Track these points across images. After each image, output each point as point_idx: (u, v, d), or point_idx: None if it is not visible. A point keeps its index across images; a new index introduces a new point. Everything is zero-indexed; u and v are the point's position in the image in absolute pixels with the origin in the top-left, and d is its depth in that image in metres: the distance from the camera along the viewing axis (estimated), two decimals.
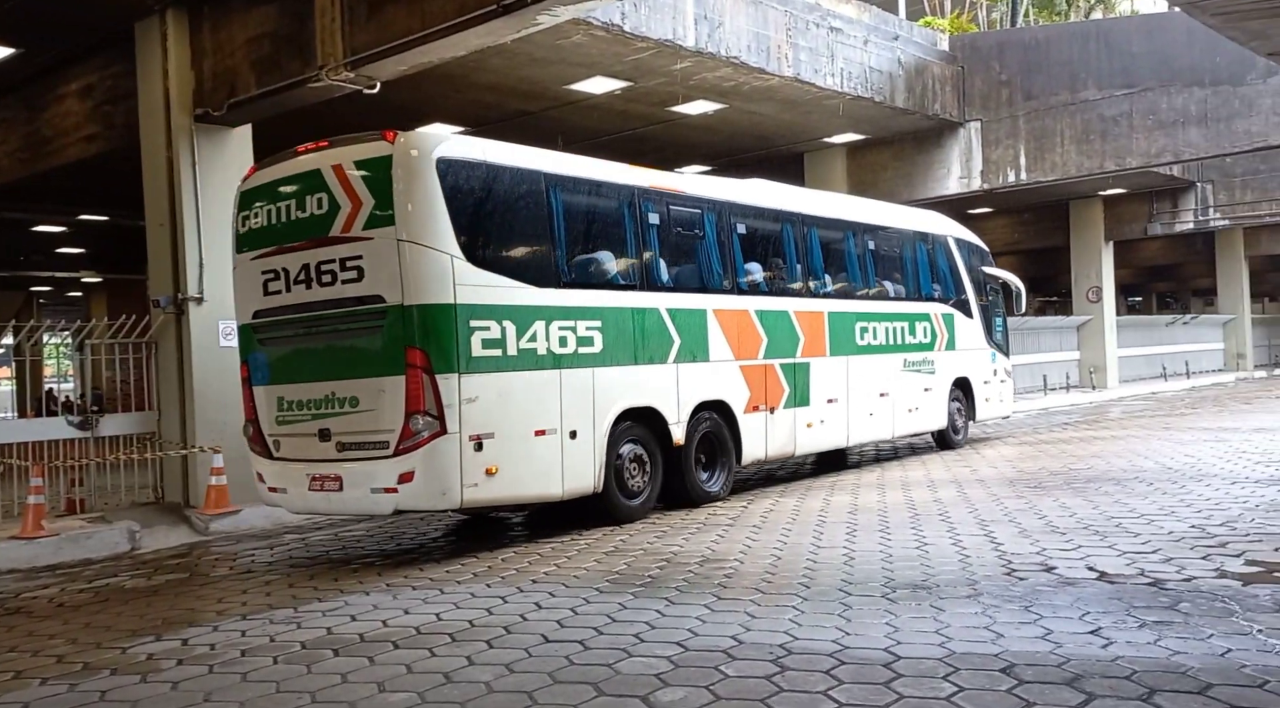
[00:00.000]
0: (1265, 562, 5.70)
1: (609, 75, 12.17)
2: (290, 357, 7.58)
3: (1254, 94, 13.65)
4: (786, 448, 10.15)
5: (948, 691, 3.86)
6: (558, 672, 4.35)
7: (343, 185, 7.12)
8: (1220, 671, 3.92)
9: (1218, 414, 16.31)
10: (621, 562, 6.68)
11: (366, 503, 7.20)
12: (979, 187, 16.01)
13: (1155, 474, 9.44)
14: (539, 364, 7.56)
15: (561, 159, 8.37)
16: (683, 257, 9.26)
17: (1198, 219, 24.02)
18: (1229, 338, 30.79)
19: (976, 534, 6.94)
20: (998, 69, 15.62)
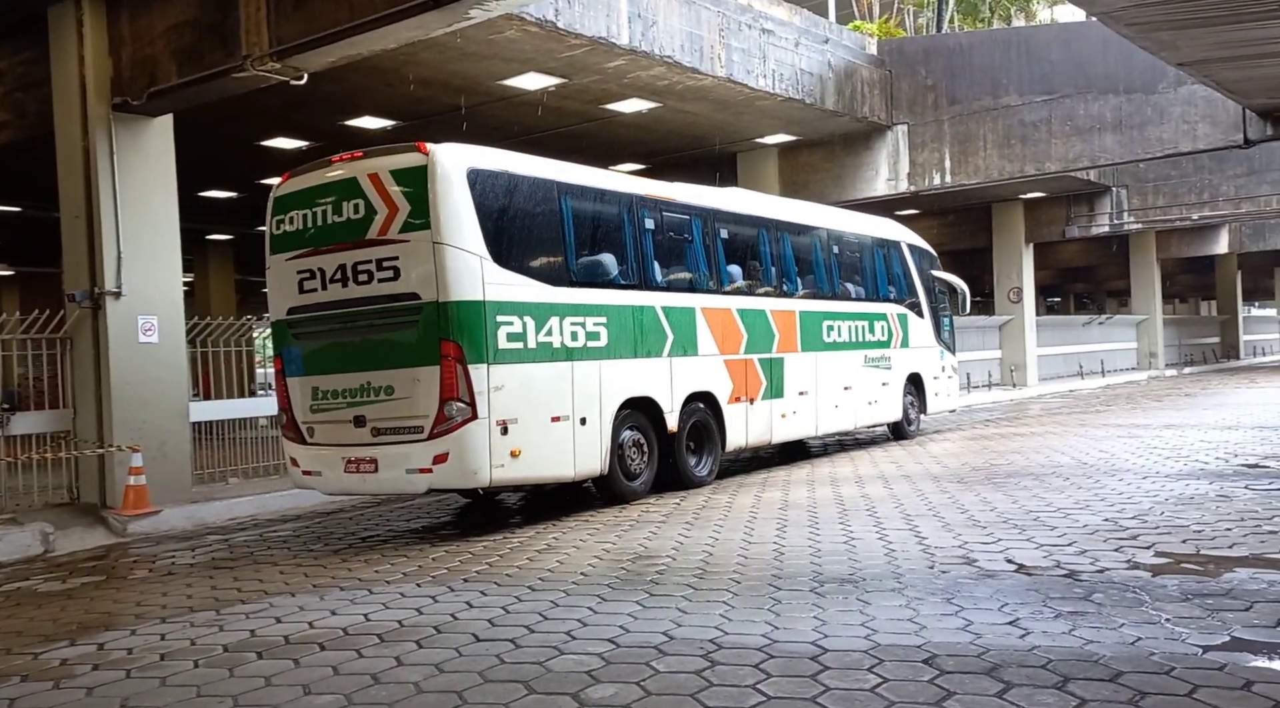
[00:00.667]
0: (1173, 553, 5.94)
1: (543, 72, 12.12)
2: (325, 350, 8.14)
3: (1165, 102, 14.18)
4: (764, 437, 10.94)
5: (872, 682, 3.95)
6: (488, 671, 4.33)
7: (379, 193, 7.70)
8: (1130, 659, 4.08)
9: (1130, 411, 16.93)
10: (554, 560, 6.67)
11: (401, 483, 7.76)
12: (906, 189, 16.34)
13: (1071, 469, 9.76)
14: (554, 356, 8.28)
15: (570, 169, 9.06)
16: (674, 259, 9.99)
17: (1113, 223, 24.87)
18: (1142, 338, 31.95)
19: (902, 528, 7.10)
20: (924, 74, 15.96)
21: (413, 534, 8.14)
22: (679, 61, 12.10)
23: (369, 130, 14.55)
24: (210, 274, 25.69)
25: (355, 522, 9.03)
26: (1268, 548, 5.94)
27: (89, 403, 9.63)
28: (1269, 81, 11.20)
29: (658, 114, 14.42)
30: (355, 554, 7.38)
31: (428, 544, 7.60)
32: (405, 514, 9.31)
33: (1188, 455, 10.42)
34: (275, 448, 12.05)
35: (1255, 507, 7.28)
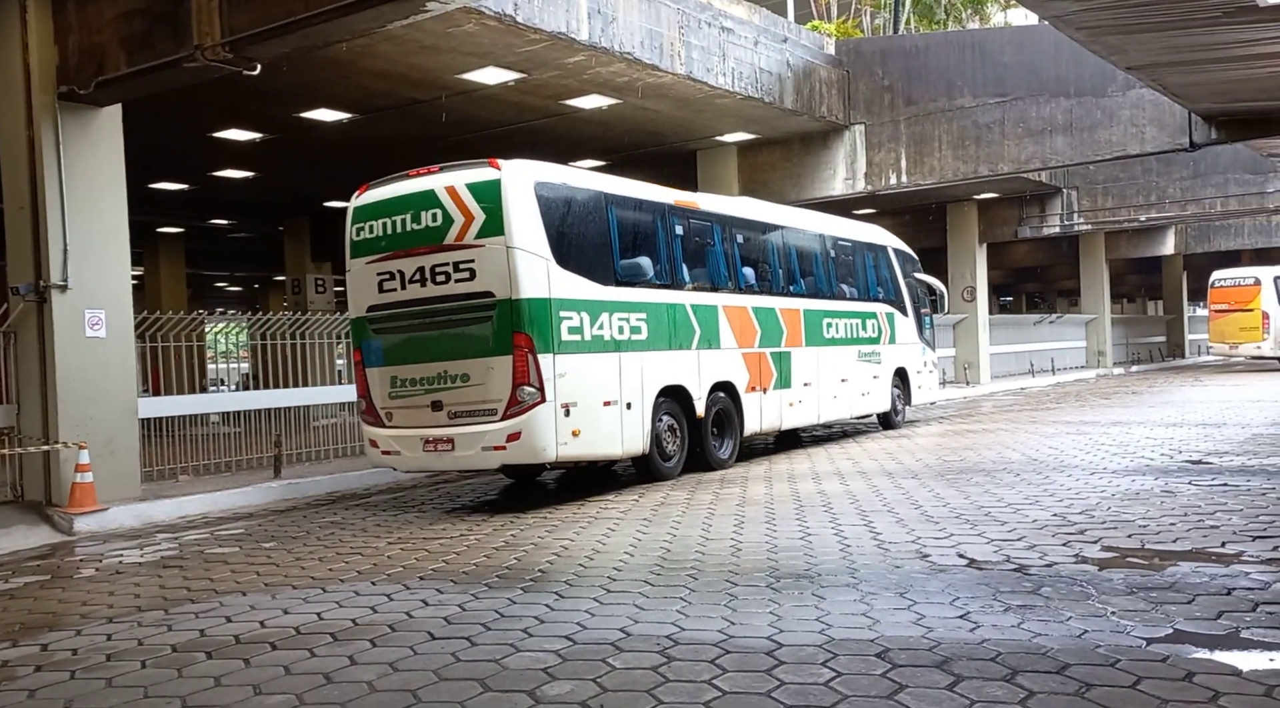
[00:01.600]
0: (1119, 548, 6.08)
1: (502, 66, 12.04)
2: (404, 343, 9.07)
3: (1114, 106, 14.47)
4: (775, 423, 11.98)
5: (826, 676, 3.99)
6: (443, 669, 4.30)
7: (456, 203, 8.67)
8: (1077, 651, 4.16)
9: (1079, 409, 17.27)
10: (512, 556, 6.65)
11: (476, 460, 8.75)
12: (863, 188, 16.49)
13: (1022, 466, 9.94)
14: (605, 348, 9.29)
15: (614, 181, 10.26)
16: (699, 261, 11.00)
17: (1063, 223, 25.34)
18: (1091, 336, 32.59)
19: (858, 524, 7.17)
20: (880, 74, 16.12)
21: (368, 532, 8.06)
22: (639, 58, 12.10)
23: (324, 123, 14.37)
24: (161, 268, 25.23)
25: (309, 520, 8.92)
26: (1209, 543, 6.09)
27: (34, 398, 9.40)
28: (1214, 86, 11.48)
29: (618, 111, 14.40)
30: (309, 552, 7.29)
31: (383, 542, 7.53)
32: (360, 511, 9.21)
33: (1134, 452, 10.65)
34: (227, 445, 11.88)
35: (1198, 502, 7.46)
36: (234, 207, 22.78)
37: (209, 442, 11.82)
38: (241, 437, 12.14)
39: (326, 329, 13.25)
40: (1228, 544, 6.01)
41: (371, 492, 10.64)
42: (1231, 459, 9.75)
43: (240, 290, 41.31)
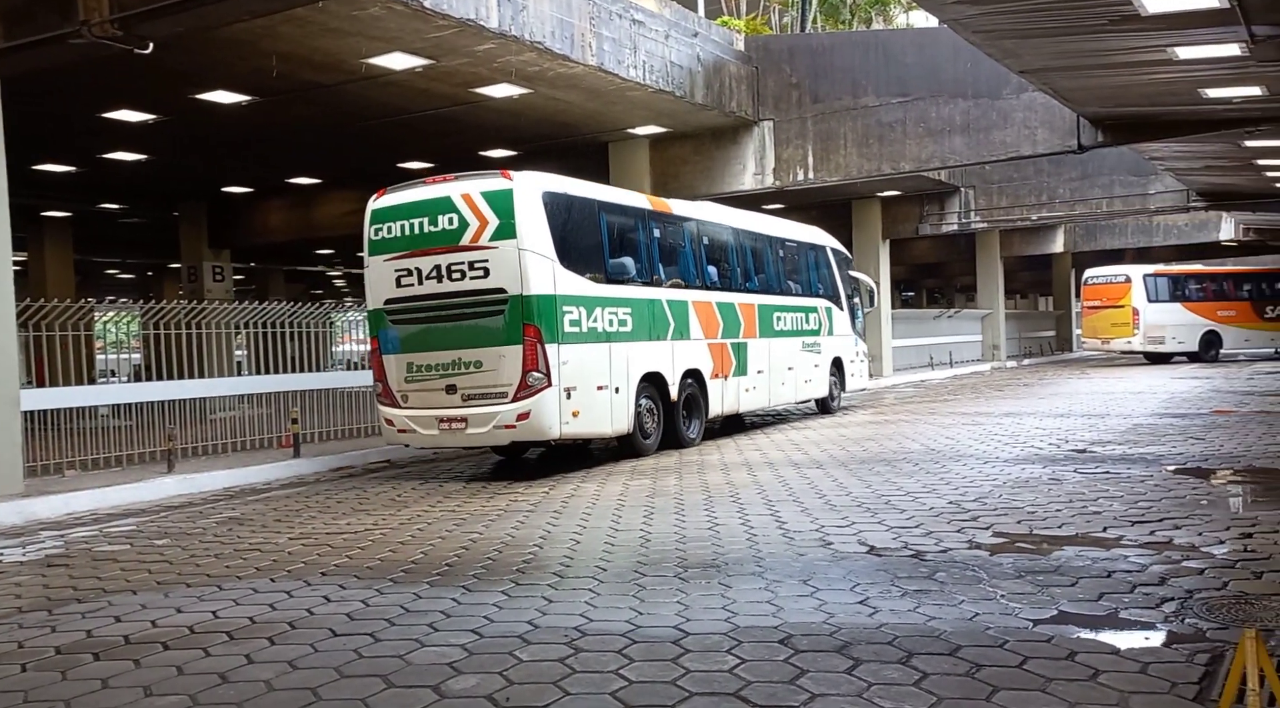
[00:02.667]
0: (1010, 533, 6.33)
1: (409, 52, 11.81)
2: (420, 332, 10.03)
3: (1009, 108, 15.02)
4: (735, 406, 13.17)
5: (731, 663, 4.06)
6: (345, 666, 4.23)
7: (471, 209, 9.69)
8: (968, 633, 4.33)
9: (975, 400, 17.91)
10: (418, 551, 6.56)
11: (488, 437, 9.83)
12: (772, 184, 16.74)
13: (920, 455, 10.26)
14: (598, 339, 10.36)
15: (604, 190, 11.48)
16: (672, 261, 12.13)
17: (961, 221, 26.19)
18: (986, 331, 33.79)
19: (764, 513, 7.30)
20: (788, 72, 16.37)
21: (268, 528, 7.84)
22: (550, 48, 12.02)
23: (223, 105, 13.87)
24: (46, 254, 23.94)
25: (205, 516, 8.63)
26: (1092, 527, 6.40)
27: None
28: (1100, 91, 12.01)
29: (529, 100, 14.28)
30: (205, 549, 7.05)
31: (284, 538, 7.33)
32: (260, 507, 8.95)
33: (1024, 442, 11.10)
34: (118, 439, 11.40)
35: (1082, 489, 7.83)
36: (126, 190, 21.81)
37: (98, 435, 11.32)
38: (133, 430, 11.66)
39: (225, 319, 12.82)
40: (1109, 529, 6.32)
41: (272, 486, 10.35)
42: (1114, 448, 10.25)
43: (133, 278, 39.63)
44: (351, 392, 14.34)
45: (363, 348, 16.72)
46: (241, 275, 33.47)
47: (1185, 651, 4.03)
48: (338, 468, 11.53)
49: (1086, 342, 30.63)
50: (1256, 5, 7.94)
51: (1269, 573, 5.13)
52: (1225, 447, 10.08)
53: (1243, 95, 11.58)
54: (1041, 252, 35.89)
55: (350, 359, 17.38)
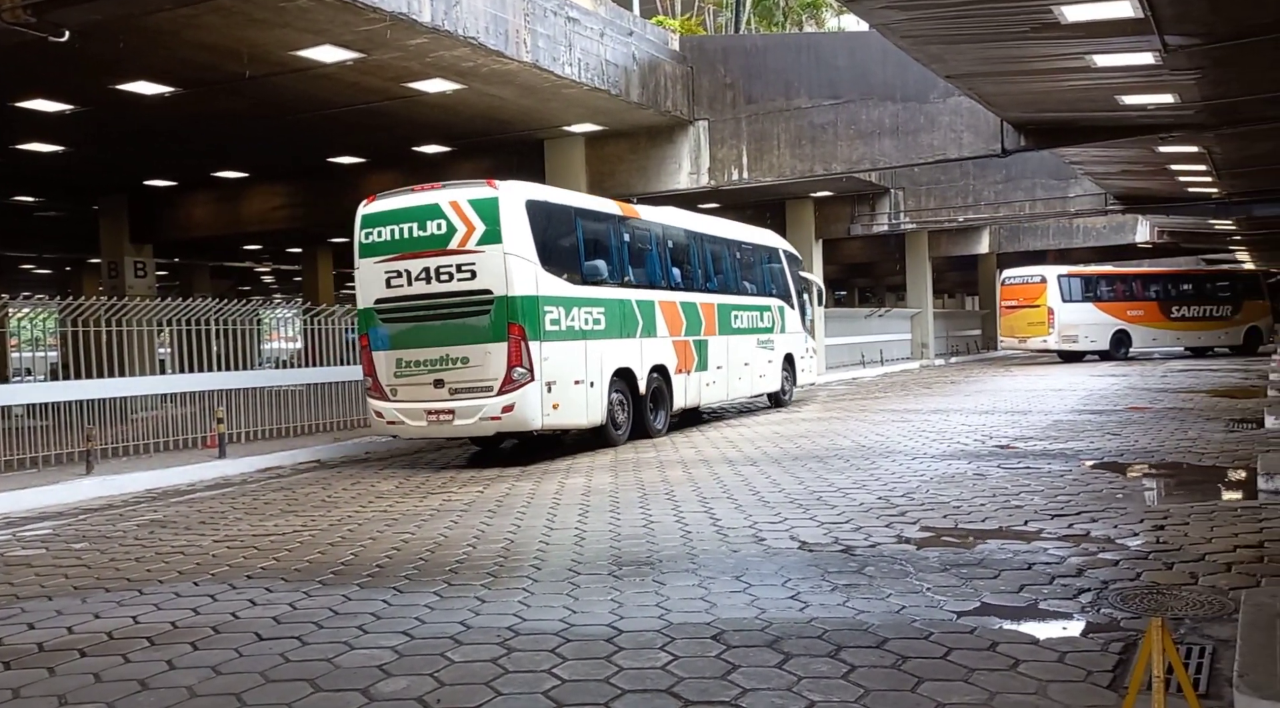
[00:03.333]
0: (936, 528, 6.49)
1: (340, 45, 11.59)
2: (409, 330, 10.64)
3: (936, 112, 15.34)
4: (696, 400, 13.98)
5: (664, 660, 4.09)
6: (271, 670, 4.15)
7: (459, 215, 10.33)
8: (895, 626, 4.43)
9: (904, 398, 18.28)
10: (348, 552, 6.46)
11: (474, 428, 10.49)
12: (707, 183, 16.83)
13: (851, 452, 10.44)
14: (575, 336, 11.05)
15: (580, 197, 12.46)
16: (640, 263, 12.92)
17: (891, 222, 26.68)
18: (915, 329, 34.47)
19: (698, 511, 7.36)
20: (723, 72, 16.48)
21: (192, 530, 7.64)
22: (483, 43, 11.90)
23: (145, 96, 13.44)
24: None
25: (125, 518, 8.37)
26: (1014, 521, 6.59)
27: None
28: (1022, 97, 12.34)
29: (463, 96, 14.13)
30: (125, 552, 6.84)
31: (208, 540, 7.15)
32: (184, 509, 8.72)
33: (951, 438, 11.37)
34: (34, 439, 10.99)
35: (1005, 484, 8.05)
36: (41, 183, 21.00)
37: (13, 436, 10.90)
38: (50, 431, 11.26)
39: (148, 316, 12.45)
40: (1030, 522, 6.52)
41: (197, 488, 10.09)
42: (1035, 444, 10.56)
43: (50, 273, 38.19)
44: (281, 391, 14.04)
45: (294, 345, 16.45)
46: (165, 271, 32.48)
47: (1100, 640, 4.17)
48: (265, 469, 11.29)
49: (1004, 341, 31.43)
50: (1169, 16, 8.24)
51: (1179, 564, 5.34)
52: (1140, 442, 10.45)
53: (1156, 102, 12.00)
54: (968, 252, 36.75)
55: (279, 358, 16.99)
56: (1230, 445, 9.94)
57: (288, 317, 17.17)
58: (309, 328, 14.65)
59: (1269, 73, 10.49)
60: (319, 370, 14.34)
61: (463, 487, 9.23)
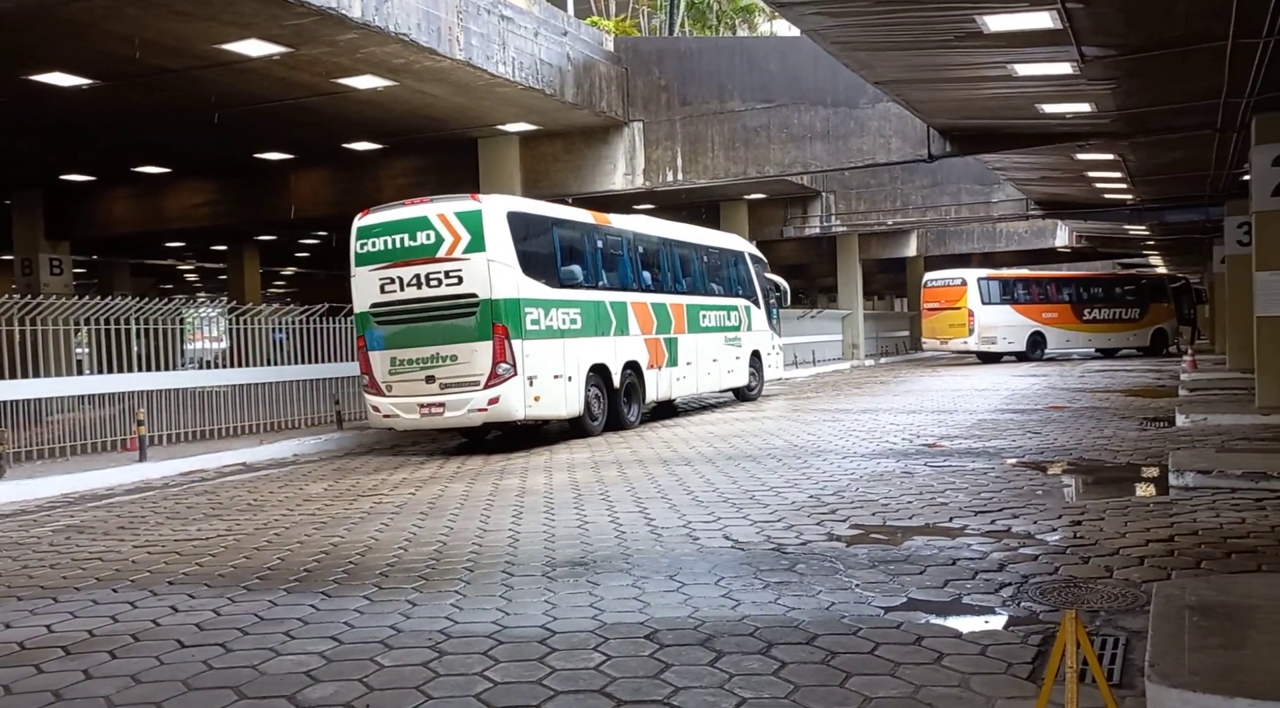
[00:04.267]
0: (865, 525, 6.61)
1: (267, 39, 11.35)
2: (402, 331, 11.61)
3: (865, 117, 15.63)
4: (668, 393, 14.96)
5: (597, 660, 4.09)
6: (194, 678, 4.05)
7: (446, 226, 11.33)
8: (825, 622, 4.50)
9: (835, 397, 18.58)
10: (275, 557, 6.33)
11: (463, 419, 11.49)
12: (642, 184, 16.89)
13: (784, 451, 10.57)
14: (554, 335, 12.02)
15: (556, 207, 13.31)
16: (613, 267, 13.95)
17: (823, 225, 27.09)
18: (846, 330, 35.05)
19: (632, 511, 7.38)
20: (658, 74, 16.56)
21: (110, 536, 7.40)
22: (415, 40, 11.77)
23: (60, 88, 12.98)
24: None
25: (39, 524, 8.07)
26: (940, 518, 6.75)
27: None
28: (948, 104, 12.65)
29: (395, 93, 13.95)
30: (39, 559, 6.60)
31: (128, 546, 6.94)
32: (101, 513, 8.44)
33: (880, 437, 11.60)
34: None
35: (932, 482, 8.24)
36: None
37: None
38: None
39: (64, 314, 12.02)
40: (954, 519, 6.68)
41: (115, 492, 9.78)
42: (960, 442, 10.83)
43: None
44: (205, 392, 13.68)
45: (219, 345, 16.07)
46: (83, 269, 31.37)
47: (1021, 633, 4.30)
48: (188, 472, 11.00)
49: (927, 342, 32.13)
50: (1086, 27, 8.53)
51: (1095, 558, 5.53)
52: (1059, 440, 10.79)
53: (1074, 111, 12.41)
54: (897, 255, 37.52)
55: (204, 358, 16.53)
56: (1144, 443, 10.32)
57: (212, 316, 16.74)
58: (235, 328, 14.31)
59: (1178, 84, 10.94)
60: (246, 371, 14.01)
61: (394, 489, 9.11)
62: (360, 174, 19.31)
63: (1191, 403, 13.47)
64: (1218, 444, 9.46)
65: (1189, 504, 6.86)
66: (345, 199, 19.86)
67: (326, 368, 14.70)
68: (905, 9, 8.28)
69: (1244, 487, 7.27)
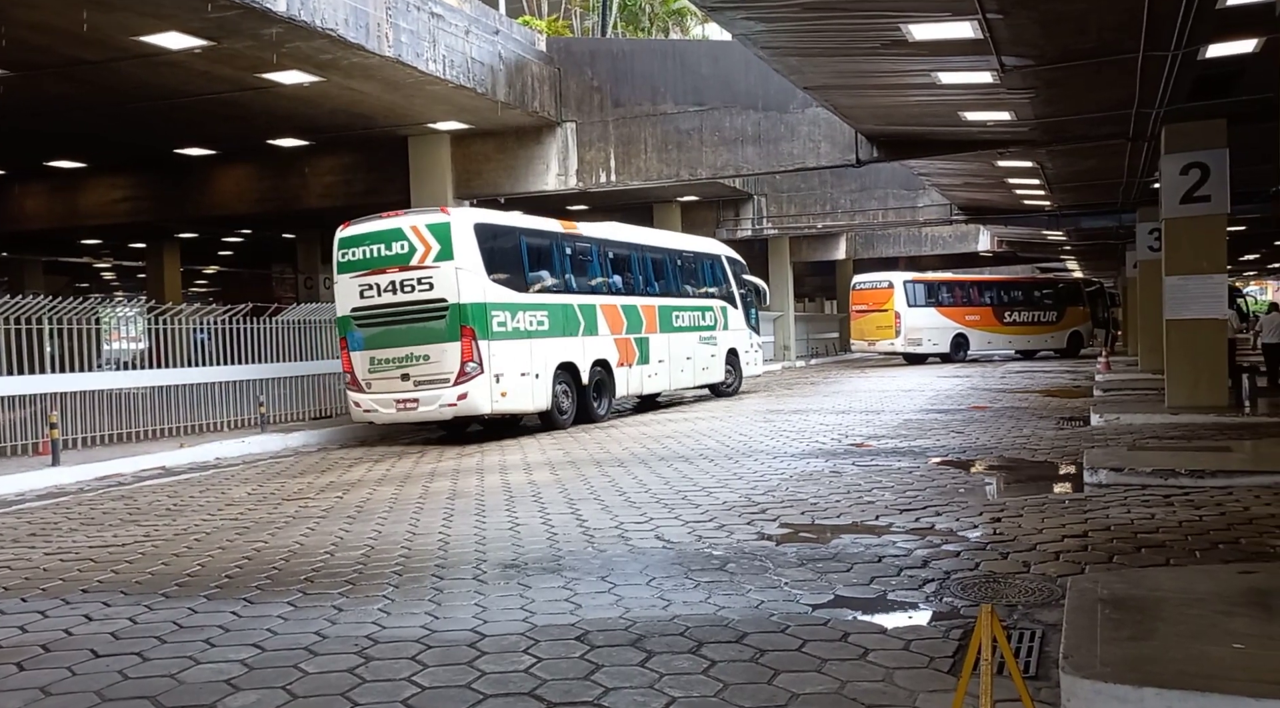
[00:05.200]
0: (794, 524, 6.70)
1: (188, 32, 11.05)
2: (380, 333, 12.54)
3: (795, 121, 15.86)
4: (639, 389, 16.02)
5: (527, 663, 4.08)
6: (108, 689, 3.92)
7: (418, 237, 12.26)
8: (754, 620, 4.56)
9: (767, 398, 18.79)
10: (195, 563, 6.16)
11: (434, 413, 12.37)
12: (575, 185, 16.87)
13: (716, 452, 10.66)
14: (521, 336, 13.00)
15: (524, 218, 14.13)
16: (582, 272, 14.93)
17: (755, 227, 27.40)
18: (778, 332, 35.43)
19: (564, 512, 7.36)
20: (590, 75, 16.56)
21: (20, 543, 7.12)
22: (343, 36, 11.57)
23: None
24: None
25: None
26: (866, 516, 6.88)
27: None
28: (875, 110, 12.92)
29: (322, 89, 13.70)
30: None
31: (39, 553, 6.68)
32: (10, 520, 8.10)
33: (810, 437, 11.77)
34: None
35: (859, 481, 8.39)
36: None
37: None
38: None
39: None
40: (881, 517, 6.82)
41: (26, 498, 9.41)
42: (887, 442, 11.05)
43: None
44: (123, 393, 13.23)
45: (138, 346, 15.59)
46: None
47: (943, 627, 4.41)
48: (104, 476, 10.63)
49: (855, 343, 32.74)
50: (1005, 38, 8.79)
51: (1014, 554, 5.69)
52: (981, 440, 11.08)
53: (995, 119, 12.77)
54: (827, 258, 38.08)
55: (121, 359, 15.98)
56: (1060, 442, 10.66)
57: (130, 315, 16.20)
58: (154, 328, 13.88)
59: (1092, 95, 11.33)
60: (166, 372, 13.60)
61: (320, 493, 8.94)
62: (286, 170, 18.92)
63: (1105, 403, 13.97)
64: (1130, 443, 9.83)
65: (1102, 501, 7.11)
66: (271, 196, 19.45)
67: (251, 369, 14.36)
68: (833, 16, 8.42)
69: (1154, 484, 7.56)
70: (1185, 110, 11.58)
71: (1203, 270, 12.20)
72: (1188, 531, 6.06)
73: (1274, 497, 6.86)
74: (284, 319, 15.05)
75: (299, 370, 15.18)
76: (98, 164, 19.59)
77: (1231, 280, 37.59)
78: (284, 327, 15.00)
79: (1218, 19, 8.34)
